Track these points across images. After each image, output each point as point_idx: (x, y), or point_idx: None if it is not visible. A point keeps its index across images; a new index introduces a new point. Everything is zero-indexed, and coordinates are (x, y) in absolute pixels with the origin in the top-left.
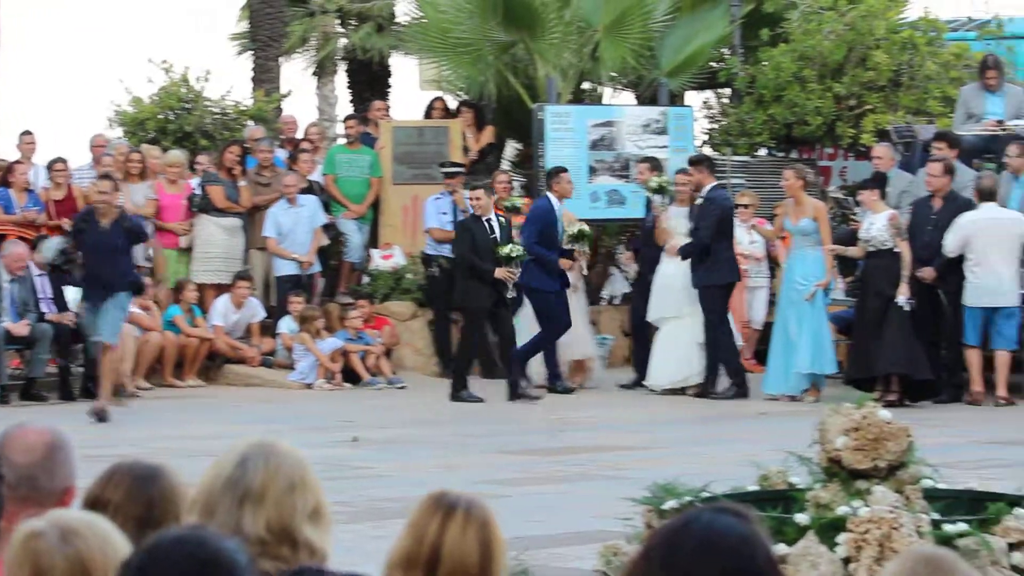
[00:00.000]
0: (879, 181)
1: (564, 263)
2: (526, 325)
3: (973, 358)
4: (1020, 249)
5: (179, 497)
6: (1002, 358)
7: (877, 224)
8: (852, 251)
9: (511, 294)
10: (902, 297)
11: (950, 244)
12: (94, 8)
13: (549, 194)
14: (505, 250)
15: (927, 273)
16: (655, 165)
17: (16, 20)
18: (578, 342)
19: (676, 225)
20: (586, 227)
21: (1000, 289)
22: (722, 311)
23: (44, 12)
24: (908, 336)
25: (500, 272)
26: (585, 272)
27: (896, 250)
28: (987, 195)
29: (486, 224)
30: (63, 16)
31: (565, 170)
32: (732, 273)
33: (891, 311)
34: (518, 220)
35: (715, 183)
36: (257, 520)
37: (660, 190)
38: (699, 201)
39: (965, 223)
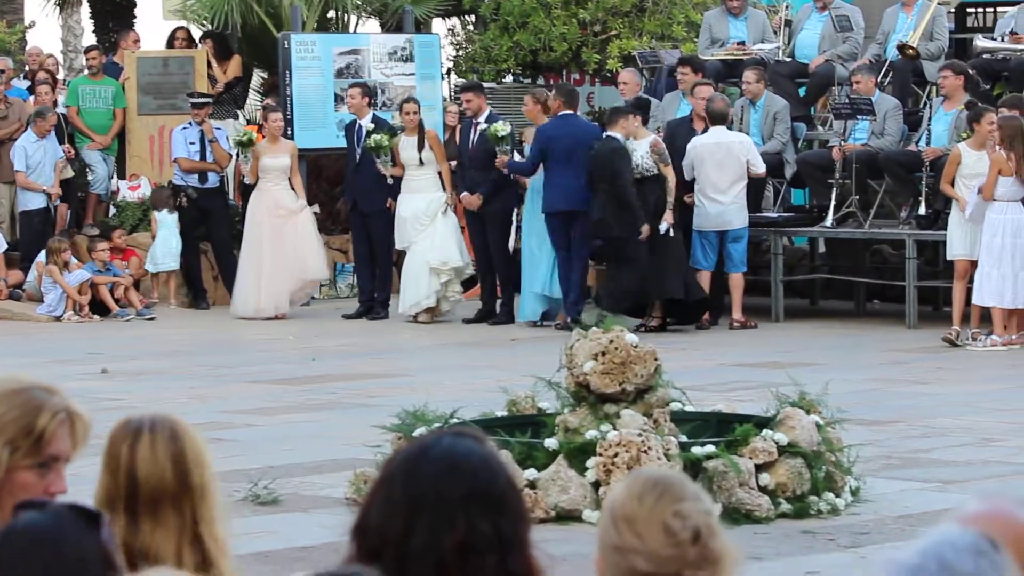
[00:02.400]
0: (641, 108)
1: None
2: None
3: (703, 282)
4: (745, 172)
5: None
6: (735, 281)
7: (639, 151)
8: None
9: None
10: (664, 224)
11: (684, 168)
12: None
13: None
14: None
15: (692, 199)
16: (367, 91)
17: None
18: (308, 267)
19: (409, 157)
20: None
21: (725, 213)
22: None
23: None
24: (678, 261)
25: (645, 230)
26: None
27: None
28: (716, 118)
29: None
30: None
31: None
32: None
33: (656, 237)
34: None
35: (490, 109)
36: None
37: (376, 148)
38: (482, 125)
39: (692, 147)
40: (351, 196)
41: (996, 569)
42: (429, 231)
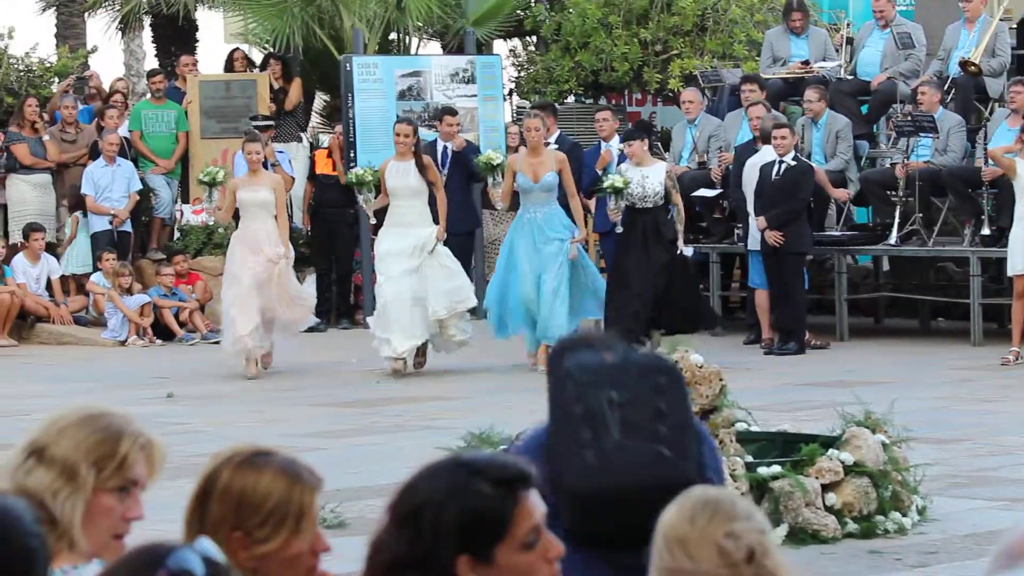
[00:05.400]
0: (647, 130)
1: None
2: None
3: (759, 301)
4: None
5: None
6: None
7: (652, 178)
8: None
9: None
10: (689, 248)
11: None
12: None
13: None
14: None
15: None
16: (458, 122)
17: None
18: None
19: (406, 186)
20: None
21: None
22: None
23: None
24: (694, 291)
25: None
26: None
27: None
28: (766, 137)
29: None
30: None
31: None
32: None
33: (676, 264)
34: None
35: (559, 131)
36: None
37: (359, 184)
38: (553, 146)
39: (747, 168)
40: None
41: None
42: (423, 270)
